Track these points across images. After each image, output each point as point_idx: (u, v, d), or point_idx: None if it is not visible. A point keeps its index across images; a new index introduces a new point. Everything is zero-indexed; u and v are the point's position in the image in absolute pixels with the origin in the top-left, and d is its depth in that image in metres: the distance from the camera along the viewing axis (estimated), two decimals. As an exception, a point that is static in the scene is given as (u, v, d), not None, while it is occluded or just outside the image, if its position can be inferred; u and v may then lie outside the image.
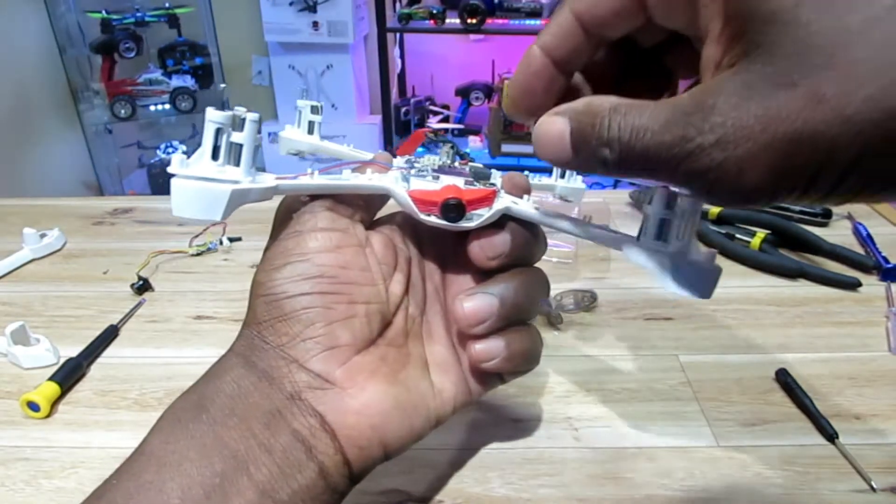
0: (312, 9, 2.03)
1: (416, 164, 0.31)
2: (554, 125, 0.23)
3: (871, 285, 0.55)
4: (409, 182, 0.29)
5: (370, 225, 0.32)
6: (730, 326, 0.51)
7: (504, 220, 0.30)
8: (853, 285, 0.55)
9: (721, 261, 0.60)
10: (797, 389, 0.43)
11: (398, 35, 2.23)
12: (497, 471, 0.38)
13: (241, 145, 0.26)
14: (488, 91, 2.18)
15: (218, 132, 0.26)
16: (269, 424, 0.26)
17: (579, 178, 0.42)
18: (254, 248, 0.63)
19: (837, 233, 0.63)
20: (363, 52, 2.28)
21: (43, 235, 0.63)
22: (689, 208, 0.26)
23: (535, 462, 0.39)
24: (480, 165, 0.31)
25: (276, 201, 0.29)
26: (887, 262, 0.57)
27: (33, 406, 0.42)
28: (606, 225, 0.29)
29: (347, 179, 0.29)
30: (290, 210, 0.29)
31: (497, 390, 0.44)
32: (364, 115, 2.33)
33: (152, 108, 2.18)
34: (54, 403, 0.44)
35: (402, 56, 2.31)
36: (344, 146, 0.40)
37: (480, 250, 0.30)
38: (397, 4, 2.13)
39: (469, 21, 1.93)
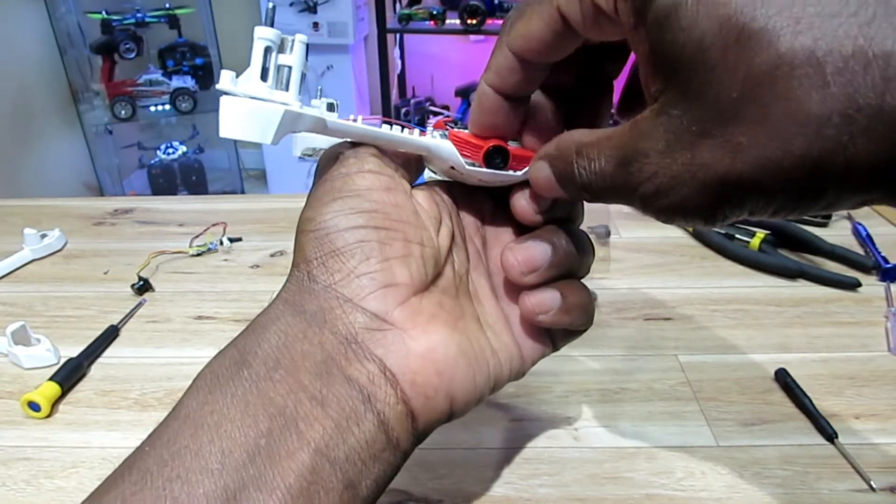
0: (312, 9, 2.03)
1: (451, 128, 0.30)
2: (540, 172, 0.25)
3: (871, 285, 0.55)
4: (450, 130, 0.28)
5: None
6: (730, 326, 0.51)
7: None
8: (853, 285, 0.55)
9: (721, 261, 0.60)
10: (797, 389, 0.43)
11: (398, 36, 2.23)
12: (497, 471, 0.39)
13: (289, 67, 0.25)
14: (488, 91, 2.17)
15: (266, 51, 0.24)
16: (320, 374, 0.23)
17: None
18: (254, 248, 0.63)
19: (837, 233, 0.63)
20: (363, 53, 2.28)
21: (44, 236, 0.63)
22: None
23: (535, 462, 0.39)
24: None
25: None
26: (887, 262, 0.57)
27: (34, 406, 0.43)
28: None
29: (392, 132, 0.27)
30: (332, 159, 0.27)
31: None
32: (364, 115, 2.33)
33: (152, 108, 2.18)
34: (55, 403, 0.44)
35: (402, 57, 2.31)
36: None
37: (526, 203, 0.28)
38: (397, 5, 2.14)
39: (469, 22, 1.93)
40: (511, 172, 0.28)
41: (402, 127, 0.28)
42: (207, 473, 0.21)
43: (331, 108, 0.40)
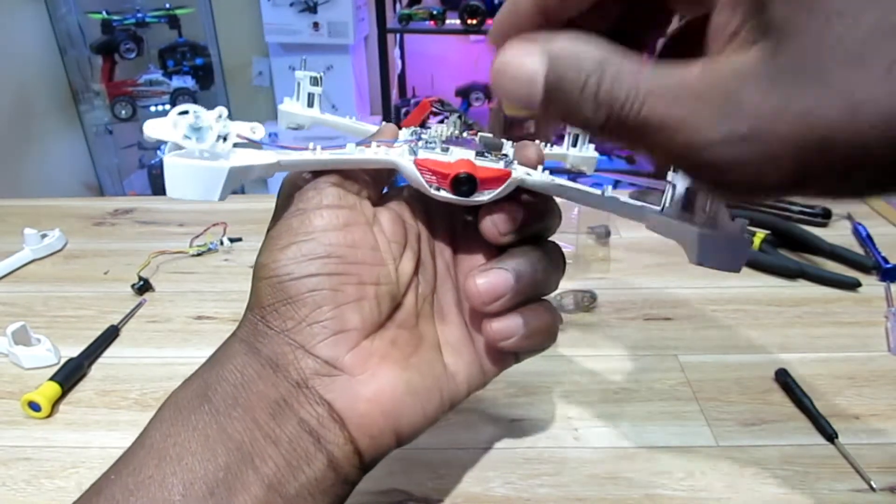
0: (313, 9, 2.03)
1: (423, 136, 0.29)
2: (524, 63, 0.19)
3: (871, 285, 0.55)
4: (416, 154, 0.27)
5: (378, 201, 0.30)
6: (730, 326, 0.51)
7: (517, 193, 0.28)
8: (853, 285, 0.55)
9: (721, 261, 0.60)
10: (797, 389, 0.43)
11: (398, 36, 2.23)
12: (497, 471, 0.39)
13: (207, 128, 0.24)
14: (488, 91, 2.18)
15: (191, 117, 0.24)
16: (274, 414, 0.25)
17: (591, 146, 0.39)
18: (254, 248, 0.62)
19: (837, 233, 0.63)
20: (363, 53, 2.28)
21: (44, 236, 0.63)
22: None
23: (535, 462, 0.39)
24: (491, 135, 0.29)
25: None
26: (887, 262, 0.57)
27: (34, 406, 0.43)
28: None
29: (352, 153, 0.27)
30: (293, 187, 0.28)
31: (497, 391, 0.44)
32: (364, 115, 2.33)
33: (153, 108, 2.18)
34: (55, 403, 0.44)
35: (402, 57, 2.31)
36: (346, 118, 0.38)
37: (493, 225, 0.28)
38: (397, 5, 2.13)
39: (469, 22, 1.93)
40: (477, 197, 0.27)
41: (373, 141, 0.28)
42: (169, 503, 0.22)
43: (314, 81, 0.39)
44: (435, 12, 1.96)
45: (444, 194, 0.27)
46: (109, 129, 2.20)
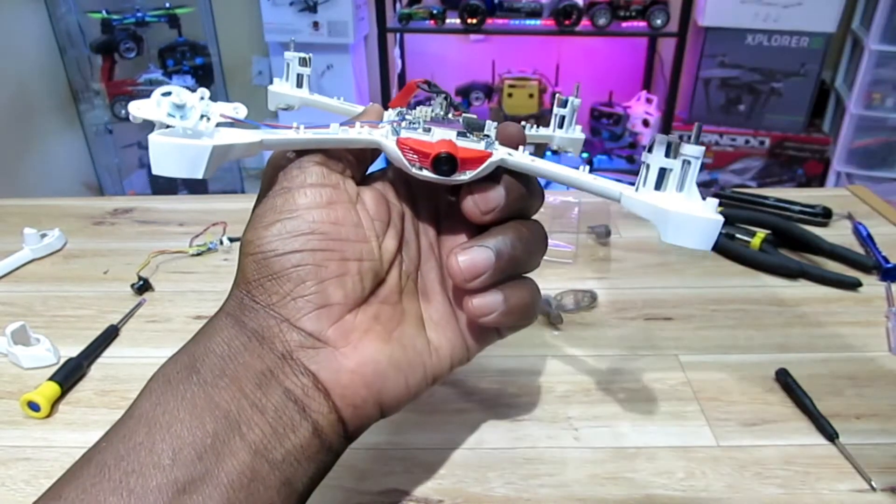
0: (313, 9, 2.03)
1: (407, 117, 0.30)
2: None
3: (871, 285, 0.55)
4: (399, 134, 0.28)
5: (362, 180, 0.30)
6: (730, 326, 0.51)
7: (498, 173, 0.29)
8: (853, 285, 0.55)
9: (721, 261, 0.60)
10: (797, 389, 0.43)
11: (398, 35, 2.23)
12: (497, 471, 0.39)
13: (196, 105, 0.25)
14: (488, 91, 2.18)
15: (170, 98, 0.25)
16: (260, 384, 0.25)
17: (578, 127, 0.39)
18: (254, 248, 0.63)
19: (837, 233, 0.63)
20: (363, 53, 2.28)
21: (43, 235, 0.63)
22: (690, 156, 0.25)
23: (535, 462, 0.39)
24: (474, 116, 0.30)
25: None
26: (887, 262, 0.57)
27: (34, 406, 0.42)
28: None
29: (336, 133, 0.28)
30: (277, 167, 0.28)
31: (497, 391, 0.44)
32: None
33: (152, 108, 2.17)
34: (55, 403, 0.44)
35: (402, 56, 2.31)
36: (334, 99, 0.39)
37: (474, 205, 0.29)
38: (397, 4, 2.13)
39: (469, 21, 1.93)
40: (458, 177, 0.28)
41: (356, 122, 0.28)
42: (160, 468, 0.23)
43: (303, 62, 0.39)
44: (435, 12, 1.96)
45: (426, 174, 0.28)
46: (109, 129, 2.20)
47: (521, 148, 0.29)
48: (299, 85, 0.39)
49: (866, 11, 1.94)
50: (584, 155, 2.12)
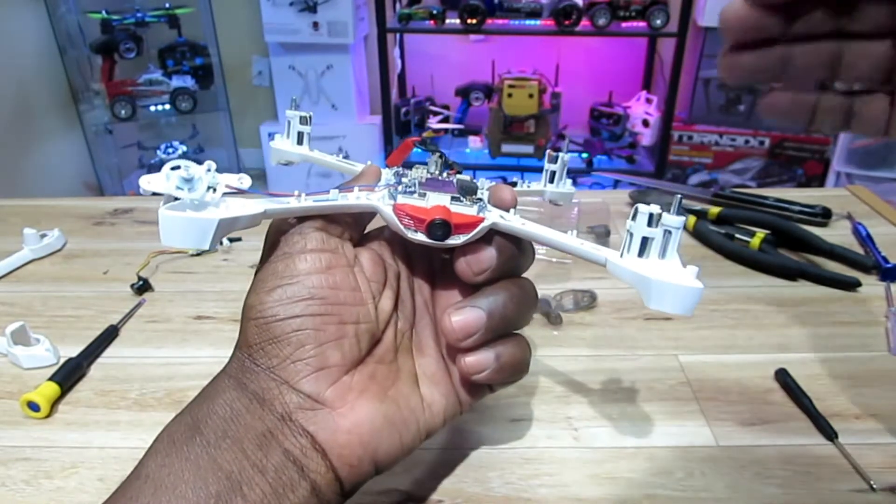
0: (312, 9, 2.03)
1: (403, 179, 0.31)
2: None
3: (871, 285, 0.55)
4: (395, 200, 0.29)
5: (359, 240, 0.32)
6: (730, 326, 0.51)
7: (490, 234, 0.30)
8: (853, 285, 0.55)
9: (721, 261, 0.60)
10: (797, 389, 0.43)
11: (398, 35, 2.23)
12: (497, 471, 0.39)
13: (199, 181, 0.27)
14: (488, 91, 2.18)
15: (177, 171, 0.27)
16: (261, 445, 0.26)
17: (569, 181, 0.42)
18: (254, 248, 0.63)
19: (837, 233, 0.63)
20: (363, 53, 2.28)
21: (43, 235, 0.63)
22: (670, 226, 0.26)
23: (535, 462, 0.39)
24: (468, 178, 0.31)
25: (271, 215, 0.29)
26: (887, 262, 0.57)
27: (33, 406, 0.42)
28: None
29: (335, 199, 0.29)
30: (279, 232, 0.30)
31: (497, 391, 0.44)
32: (364, 115, 2.33)
33: (152, 108, 2.18)
34: (54, 403, 0.44)
35: (402, 56, 2.31)
36: (332, 157, 0.41)
37: (467, 266, 0.30)
38: (397, 4, 2.13)
39: (469, 21, 1.93)
40: (452, 240, 0.29)
41: (355, 186, 0.30)
42: None
43: (304, 121, 0.41)
44: (435, 12, 1.96)
45: (421, 237, 0.29)
46: (109, 129, 2.20)
47: (511, 210, 0.30)
48: (300, 142, 0.40)
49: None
50: (584, 155, 2.12)
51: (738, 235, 0.61)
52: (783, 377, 0.44)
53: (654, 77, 2.23)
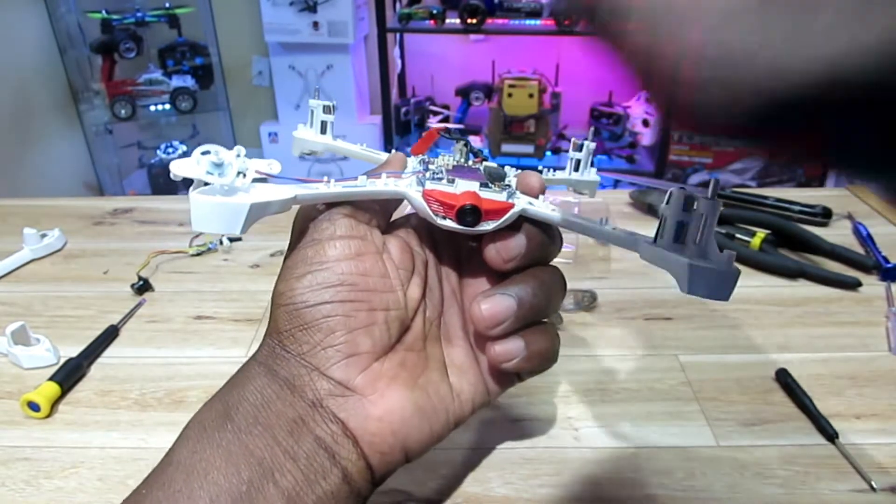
0: (312, 9, 2.03)
1: (430, 166, 0.31)
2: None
3: (871, 285, 0.55)
4: (424, 185, 0.29)
5: (386, 228, 0.31)
6: (730, 326, 0.51)
7: (519, 222, 0.30)
8: (853, 285, 0.55)
9: (721, 261, 0.60)
10: (797, 389, 0.43)
11: (398, 35, 2.23)
12: (497, 471, 0.39)
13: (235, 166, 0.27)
14: (488, 91, 2.18)
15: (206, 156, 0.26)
16: (292, 432, 0.26)
17: (593, 170, 0.41)
18: (254, 248, 0.63)
19: (837, 233, 0.63)
20: (363, 53, 2.28)
21: (43, 235, 0.63)
22: (707, 211, 0.25)
23: (535, 462, 0.39)
24: (495, 165, 0.31)
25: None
26: (887, 261, 0.57)
27: (34, 406, 0.42)
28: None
29: (364, 185, 0.29)
30: (307, 218, 0.29)
31: (497, 390, 0.44)
32: (364, 115, 2.33)
33: (152, 108, 2.18)
34: (55, 403, 0.44)
35: (402, 56, 2.31)
36: (357, 146, 0.40)
37: (496, 253, 0.29)
38: (397, 4, 2.13)
39: (469, 21, 1.93)
40: (482, 227, 0.29)
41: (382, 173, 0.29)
42: None
43: (327, 110, 0.41)
44: (435, 12, 1.96)
45: (450, 224, 0.29)
46: (109, 129, 2.20)
47: (540, 197, 0.30)
48: (323, 131, 0.40)
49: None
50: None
51: (738, 235, 0.61)
52: (783, 377, 0.44)
53: (654, 77, 2.23)
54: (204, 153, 0.26)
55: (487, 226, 0.29)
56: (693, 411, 0.43)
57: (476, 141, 2.19)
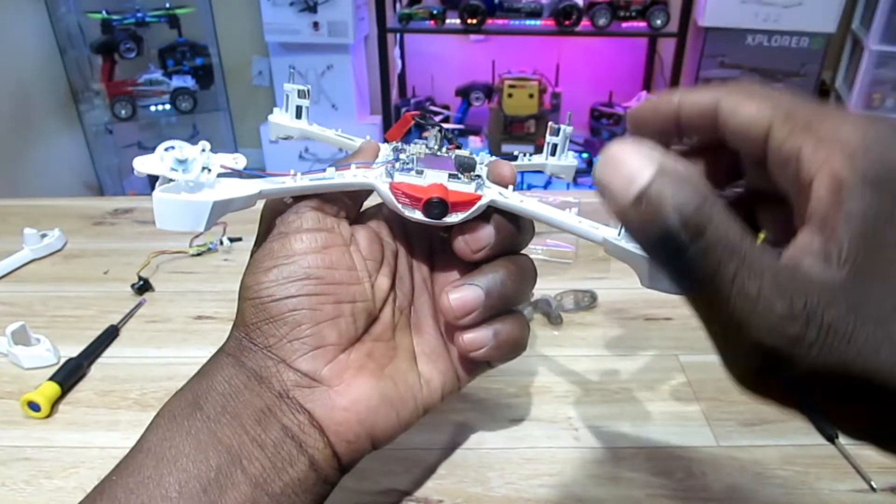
0: (312, 9, 2.03)
1: (401, 156, 0.31)
2: (633, 163, 0.19)
3: (871, 285, 0.55)
4: (392, 177, 0.29)
5: (356, 218, 0.32)
6: (730, 326, 0.51)
7: (489, 212, 0.30)
8: (853, 285, 0.55)
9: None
10: (797, 389, 0.43)
11: (398, 35, 2.23)
12: (497, 471, 0.39)
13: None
14: (488, 91, 2.18)
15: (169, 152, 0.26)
16: (259, 421, 0.27)
17: (570, 153, 0.40)
18: (254, 248, 0.63)
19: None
20: (363, 53, 2.28)
21: (43, 235, 0.63)
22: None
23: (535, 462, 0.39)
24: (466, 153, 0.31)
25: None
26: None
27: (34, 406, 0.42)
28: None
29: (331, 178, 0.29)
30: (275, 212, 0.30)
31: (497, 391, 0.44)
32: (364, 115, 2.33)
33: (153, 108, 2.18)
34: (55, 403, 0.44)
35: (402, 56, 2.31)
36: (331, 131, 0.40)
37: (465, 244, 0.30)
38: (397, 5, 2.13)
39: (469, 21, 1.93)
40: (449, 219, 0.29)
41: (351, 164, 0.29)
42: (167, 500, 0.25)
43: (302, 94, 0.40)
44: (435, 12, 1.96)
45: (418, 216, 0.29)
46: (109, 129, 2.20)
47: (510, 187, 0.30)
48: (298, 116, 0.40)
49: (866, 12, 1.94)
50: (585, 155, 2.12)
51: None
52: (783, 377, 0.44)
53: (654, 77, 2.23)
54: (167, 149, 0.26)
55: (455, 217, 0.29)
56: (693, 411, 0.43)
57: (476, 141, 2.19)
